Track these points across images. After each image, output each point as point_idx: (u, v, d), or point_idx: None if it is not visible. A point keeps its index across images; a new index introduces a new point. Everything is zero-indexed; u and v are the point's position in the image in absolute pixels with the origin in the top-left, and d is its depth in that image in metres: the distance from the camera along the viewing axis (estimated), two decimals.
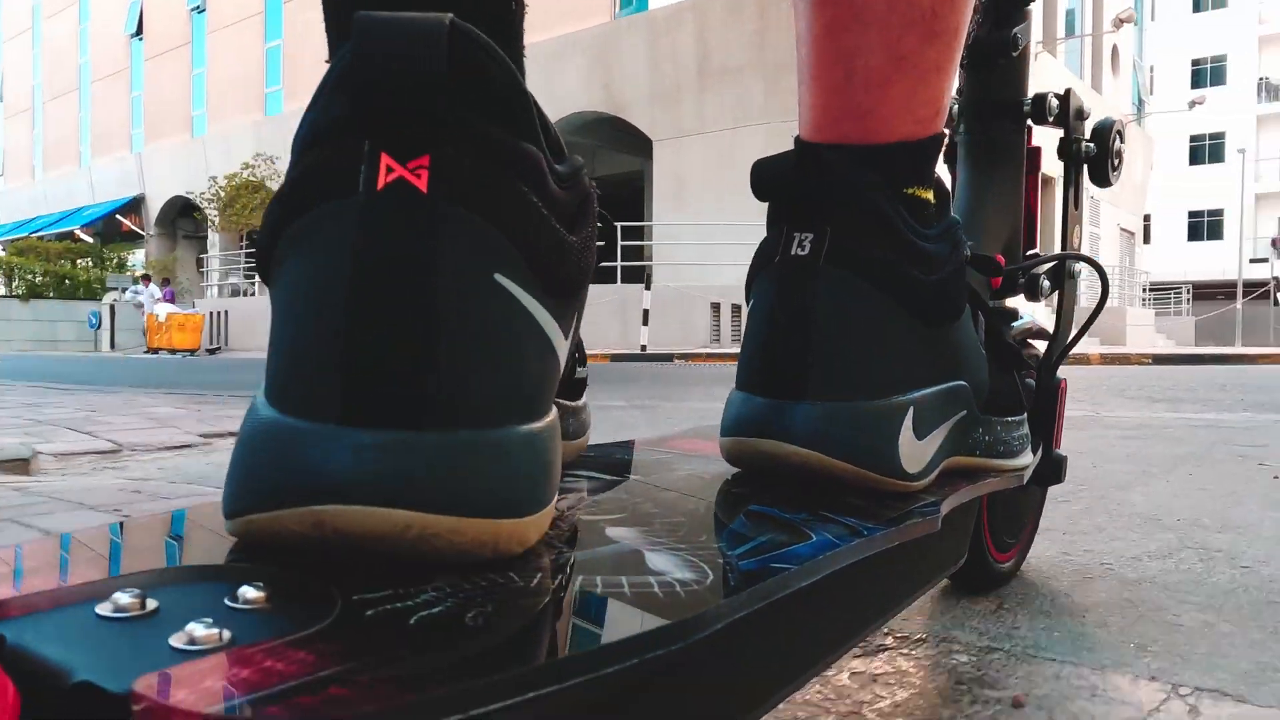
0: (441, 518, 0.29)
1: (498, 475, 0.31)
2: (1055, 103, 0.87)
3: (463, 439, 0.30)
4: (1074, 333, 0.86)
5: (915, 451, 0.52)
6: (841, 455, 0.50)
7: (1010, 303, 0.87)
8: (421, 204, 0.30)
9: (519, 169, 0.33)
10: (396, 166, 0.30)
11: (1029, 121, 0.88)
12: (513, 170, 0.32)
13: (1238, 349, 13.17)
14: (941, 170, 0.61)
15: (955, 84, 0.58)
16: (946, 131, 0.62)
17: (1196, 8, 33.50)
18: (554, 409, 0.36)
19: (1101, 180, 0.88)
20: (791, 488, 0.50)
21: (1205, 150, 32.72)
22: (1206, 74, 33.03)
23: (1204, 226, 33.04)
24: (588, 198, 0.38)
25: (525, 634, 0.27)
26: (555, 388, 0.37)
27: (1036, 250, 0.89)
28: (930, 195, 0.57)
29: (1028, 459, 0.67)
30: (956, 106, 0.90)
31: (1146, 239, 31.79)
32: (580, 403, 0.58)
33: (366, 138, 0.31)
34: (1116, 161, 0.88)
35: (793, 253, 0.53)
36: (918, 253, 0.54)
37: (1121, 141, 0.88)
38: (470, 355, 0.31)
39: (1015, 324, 0.81)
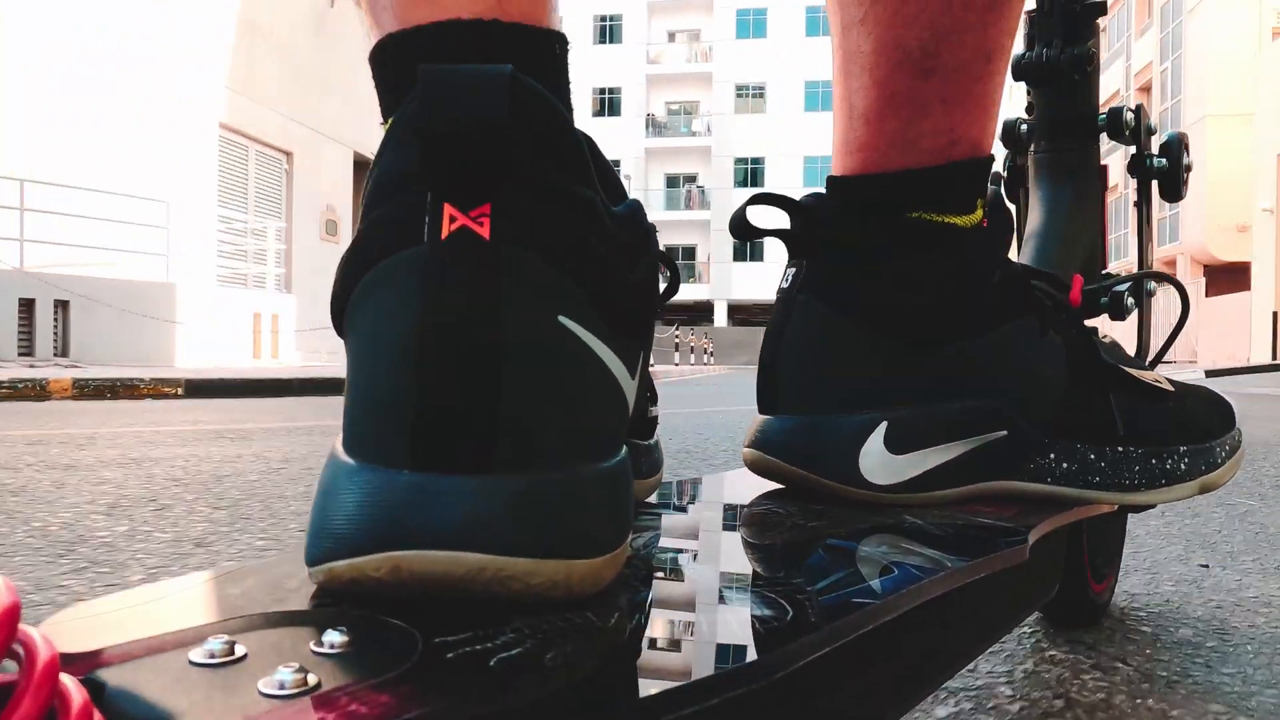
0: (515, 560, 0.29)
1: (570, 515, 0.31)
2: (1130, 117, 0.85)
3: (534, 481, 0.30)
4: (1153, 353, 0.83)
5: (889, 465, 0.55)
6: (797, 463, 0.55)
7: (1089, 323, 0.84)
8: (485, 250, 0.31)
9: (577, 212, 0.33)
10: (459, 215, 0.31)
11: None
12: (571, 213, 0.33)
13: None
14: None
15: (980, 113, 0.58)
16: (994, 155, 0.63)
17: (599, 39, 35.24)
18: (625, 448, 0.36)
19: (1174, 195, 0.85)
20: (858, 515, 0.49)
21: None
22: (606, 103, 35.00)
23: None
24: (647, 236, 0.39)
25: (604, 674, 0.26)
26: (625, 426, 0.37)
27: (1108, 269, 0.86)
28: (957, 219, 0.58)
29: (1162, 494, 0.60)
30: (1025, 126, 0.88)
31: None
32: (652, 440, 0.58)
33: (430, 190, 0.31)
34: (1186, 176, 0.86)
35: (784, 285, 0.59)
36: (893, 277, 0.57)
37: (1189, 155, 0.86)
38: (539, 397, 0.31)
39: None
